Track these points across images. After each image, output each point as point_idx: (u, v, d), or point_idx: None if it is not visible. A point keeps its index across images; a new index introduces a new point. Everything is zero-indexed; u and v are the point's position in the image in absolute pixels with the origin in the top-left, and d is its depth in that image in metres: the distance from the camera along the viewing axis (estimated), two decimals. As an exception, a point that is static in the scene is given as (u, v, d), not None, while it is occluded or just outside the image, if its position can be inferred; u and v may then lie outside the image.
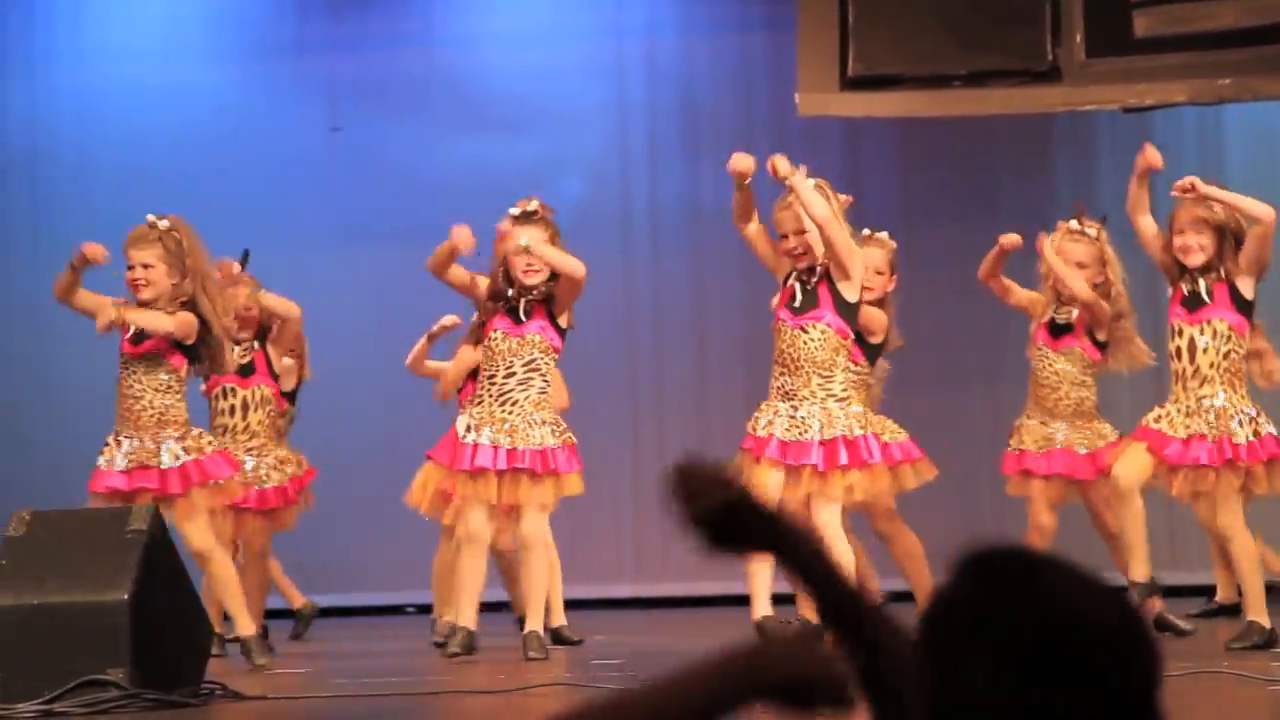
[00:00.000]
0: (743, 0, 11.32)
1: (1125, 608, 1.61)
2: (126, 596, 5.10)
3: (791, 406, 6.39)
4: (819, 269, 6.50)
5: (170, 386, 6.75)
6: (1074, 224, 7.27)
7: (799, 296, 6.46)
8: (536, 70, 11.29)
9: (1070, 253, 7.13)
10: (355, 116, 11.38)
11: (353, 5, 11.43)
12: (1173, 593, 9.13)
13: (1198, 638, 7.11)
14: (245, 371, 7.64)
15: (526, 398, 6.63)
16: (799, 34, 9.48)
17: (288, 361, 7.79)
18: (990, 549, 1.63)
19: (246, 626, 6.69)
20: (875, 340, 7.06)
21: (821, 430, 6.33)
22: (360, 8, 11.44)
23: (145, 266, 6.77)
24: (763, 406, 6.47)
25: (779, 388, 6.43)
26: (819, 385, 6.38)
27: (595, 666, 6.51)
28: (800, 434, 6.34)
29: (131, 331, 6.78)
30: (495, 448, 6.55)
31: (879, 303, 7.12)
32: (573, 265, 6.72)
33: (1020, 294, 7.42)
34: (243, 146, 11.23)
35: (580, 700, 1.64)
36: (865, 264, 6.84)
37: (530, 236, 6.76)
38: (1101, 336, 7.22)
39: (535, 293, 6.75)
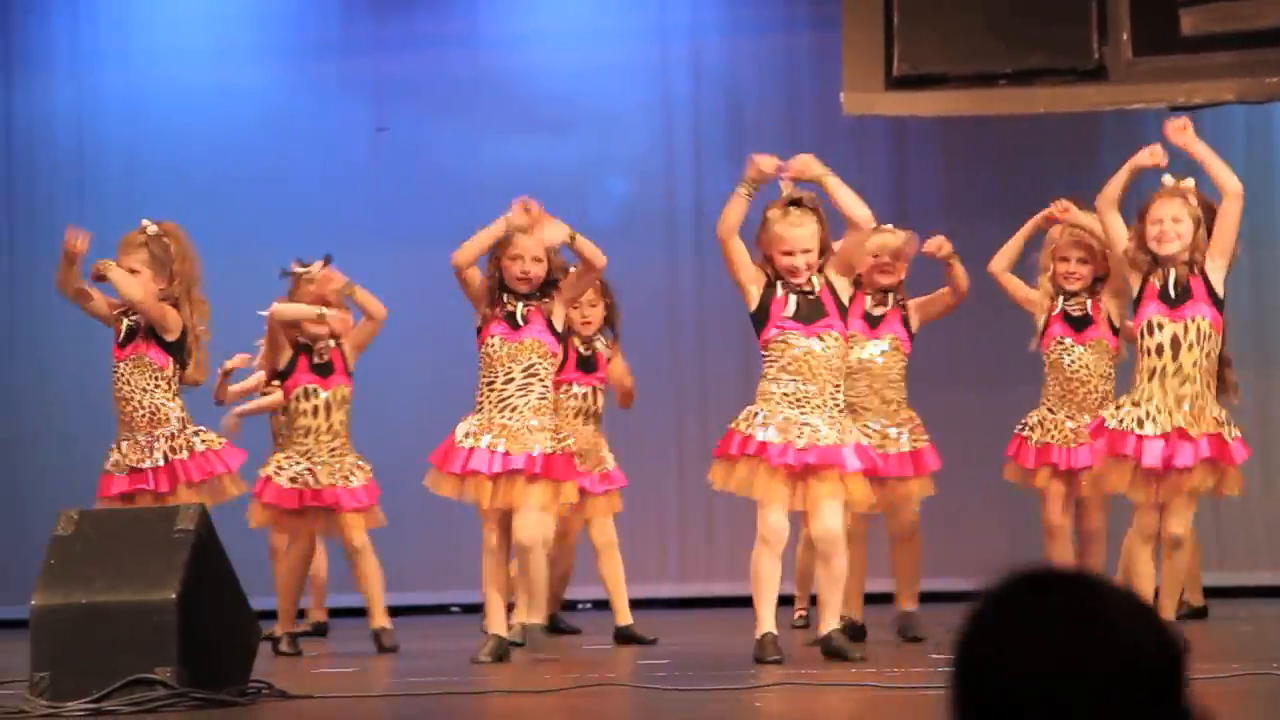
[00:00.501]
0: (788, 0, 11.30)
1: (1156, 631, 1.61)
2: (174, 596, 5.11)
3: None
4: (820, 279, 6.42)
5: (158, 385, 6.83)
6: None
7: (802, 306, 6.38)
8: (581, 70, 11.30)
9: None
10: (400, 117, 11.40)
11: (397, 5, 11.45)
12: (1219, 594, 9.09)
13: (1249, 639, 7.07)
14: (324, 371, 7.62)
15: (526, 403, 6.62)
16: (844, 33, 9.46)
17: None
18: (1017, 576, 1.64)
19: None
20: None
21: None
22: (405, 7, 11.46)
23: (131, 271, 6.86)
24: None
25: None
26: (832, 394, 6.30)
27: (642, 667, 6.50)
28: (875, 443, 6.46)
29: (122, 334, 6.85)
30: (492, 452, 6.56)
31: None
32: (598, 254, 6.74)
33: (1023, 290, 7.37)
34: (288, 147, 11.27)
35: None
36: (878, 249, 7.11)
37: (534, 246, 6.74)
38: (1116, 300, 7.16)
39: (532, 298, 6.75)
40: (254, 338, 8.39)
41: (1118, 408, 6.33)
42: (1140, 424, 6.21)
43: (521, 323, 6.71)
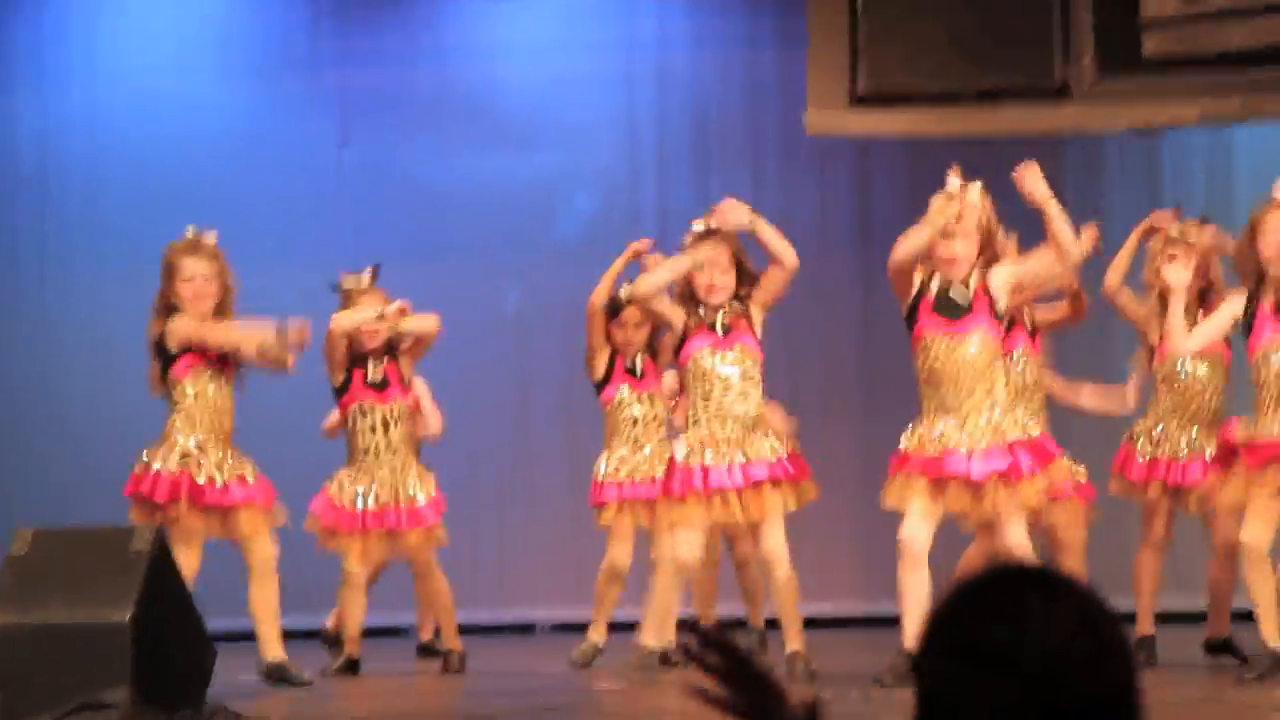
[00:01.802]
0: (753, 15, 11.31)
1: (1100, 627, 1.58)
2: (129, 617, 5.09)
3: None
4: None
5: (233, 405, 6.84)
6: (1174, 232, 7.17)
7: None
8: (547, 83, 11.30)
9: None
10: (366, 131, 11.38)
11: (364, 20, 11.43)
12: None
13: (1204, 663, 7.08)
14: (380, 386, 7.57)
15: (746, 411, 6.57)
16: (809, 50, 9.47)
17: None
18: (985, 571, 1.63)
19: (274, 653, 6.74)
20: None
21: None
22: (372, 22, 11.44)
23: (206, 279, 6.77)
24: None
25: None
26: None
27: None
28: None
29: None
30: (730, 466, 6.48)
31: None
32: (789, 250, 6.64)
33: (1136, 307, 7.26)
34: (253, 162, 11.24)
35: None
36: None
37: (722, 257, 6.66)
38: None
39: (728, 307, 6.67)
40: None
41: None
42: None
43: (724, 332, 6.65)
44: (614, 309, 7.75)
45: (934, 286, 6.21)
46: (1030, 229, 6.94)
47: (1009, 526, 6.05)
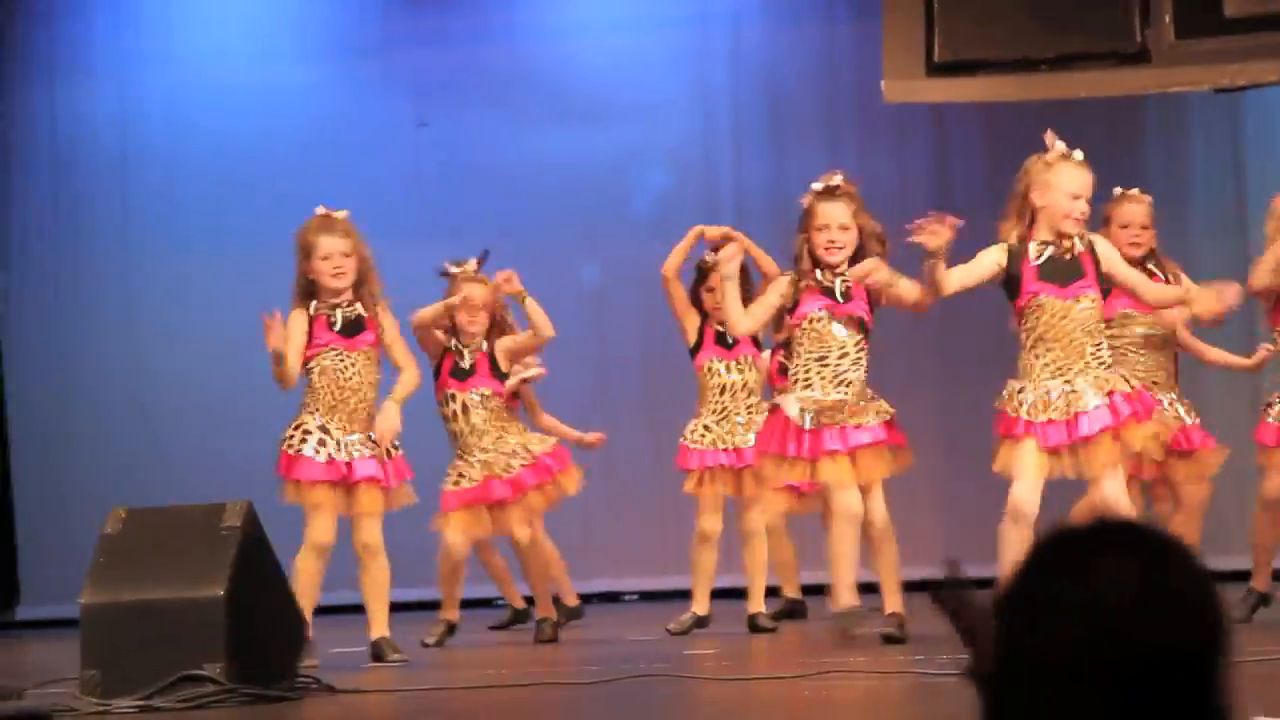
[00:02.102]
0: (825, -12, 11.29)
1: (1197, 585, 1.56)
2: (222, 592, 5.13)
3: None
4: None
5: (377, 382, 6.85)
6: None
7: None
8: (620, 61, 11.30)
9: None
10: (441, 112, 11.42)
11: (435, 1, 11.47)
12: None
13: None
14: (463, 375, 7.61)
15: (858, 376, 6.57)
16: (884, 21, 9.43)
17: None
18: (1075, 526, 1.62)
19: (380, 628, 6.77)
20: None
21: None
22: (442, 4, 11.48)
23: (344, 255, 6.76)
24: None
25: None
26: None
27: (690, 657, 6.51)
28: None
29: (340, 324, 6.77)
30: (843, 428, 6.48)
31: (1149, 257, 7.08)
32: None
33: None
34: (330, 145, 11.30)
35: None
36: (1129, 220, 6.98)
37: (839, 212, 6.59)
38: None
39: (845, 270, 6.59)
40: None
41: None
42: None
43: (843, 299, 6.60)
44: (702, 274, 7.72)
45: (1032, 251, 6.13)
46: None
47: (1106, 480, 6.01)
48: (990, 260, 6.20)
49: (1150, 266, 7.11)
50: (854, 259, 6.55)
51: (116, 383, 11.45)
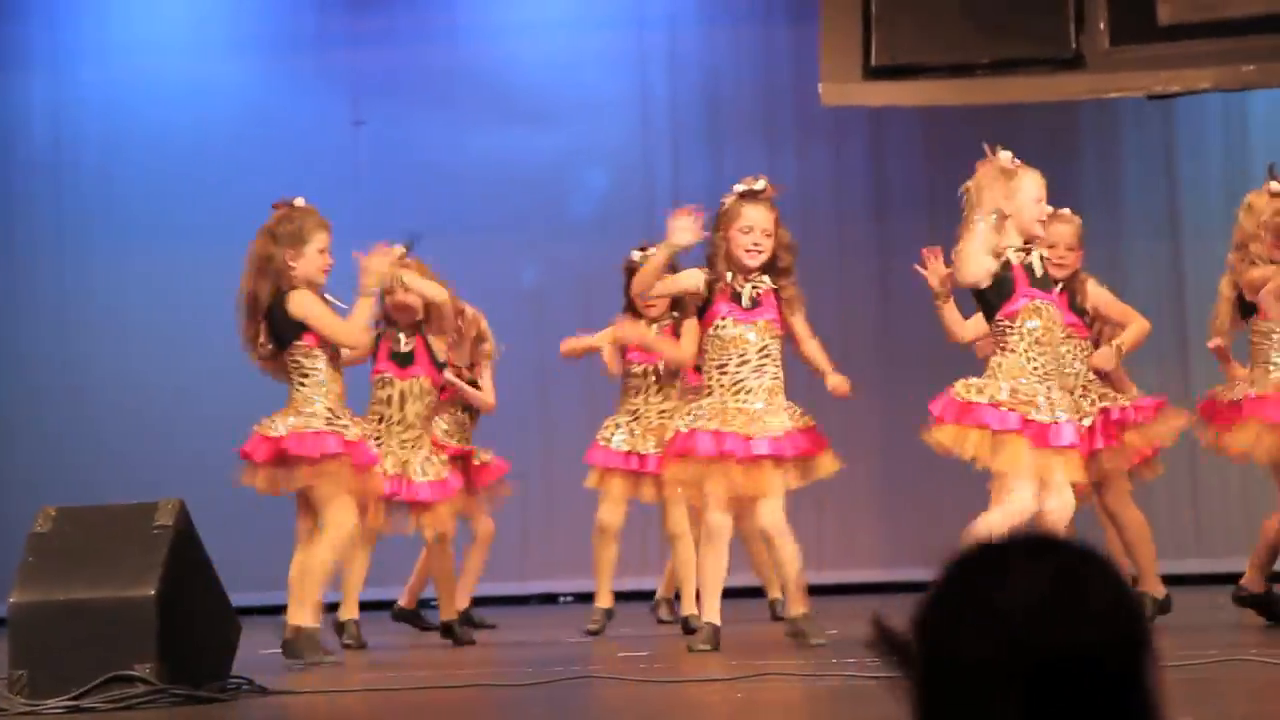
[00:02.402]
0: (765, -10, 11.32)
1: (1114, 595, 1.60)
2: (154, 592, 5.10)
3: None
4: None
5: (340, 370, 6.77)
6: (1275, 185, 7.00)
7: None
8: (559, 61, 11.30)
9: None
10: (379, 110, 11.40)
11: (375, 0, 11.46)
12: (1200, 581, 9.11)
13: (1224, 625, 7.09)
14: (404, 361, 7.54)
15: (760, 385, 6.53)
16: (822, 23, 9.46)
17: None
18: (993, 538, 1.65)
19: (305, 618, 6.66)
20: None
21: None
22: (382, 1, 11.45)
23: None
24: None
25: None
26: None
27: (622, 659, 6.52)
28: None
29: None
30: (739, 437, 6.42)
31: (1071, 278, 7.10)
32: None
33: (1255, 274, 7.06)
34: (266, 141, 11.26)
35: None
36: (1056, 240, 6.87)
37: (764, 218, 6.55)
38: None
39: (757, 277, 6.57)
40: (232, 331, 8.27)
41: None
42: None
43: (751, 304, 6.54)
44: (631, 274, 7.76)
45: (1015, 258, 6.14)
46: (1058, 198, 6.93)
47: (1058, 491, 6.05)
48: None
49: (1071, 288, 7.18)
50: (768, 268, 6.55)
51: (52, 377, 11.38)
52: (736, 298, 6.52)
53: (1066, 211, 7.30)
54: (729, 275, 6.52)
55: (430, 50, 11.40)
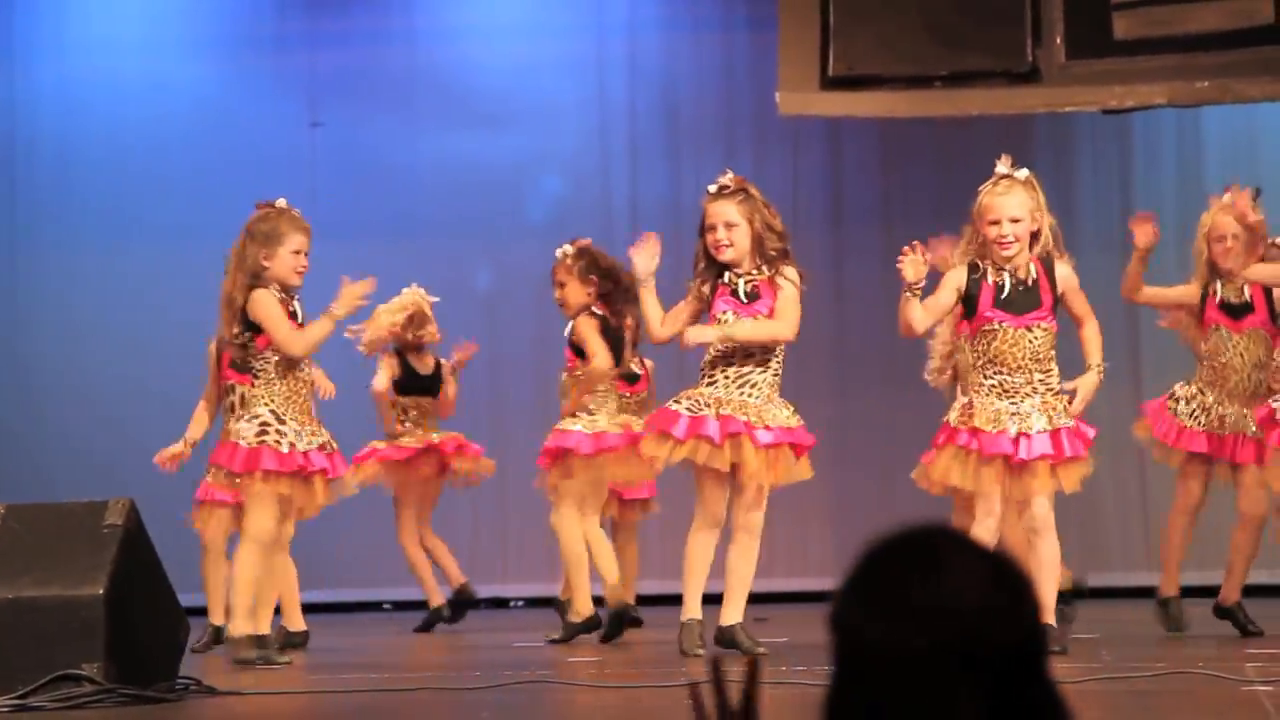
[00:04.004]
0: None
1: (1007, 589, 1.63)
2: (102, 591, 5.08)
3: None
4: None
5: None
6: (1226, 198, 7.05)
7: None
8: (518, 66, 11.30)
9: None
10: (336, 112, 11.38)
11: (333, 1, 11.43)
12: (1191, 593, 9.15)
13: (1171, 638, 7.13)
14: None
15: (764, 379, 6.51)
16: (780, 33, 9.49)
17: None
18: (892, 533, 1.68)
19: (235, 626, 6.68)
20: None
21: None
22: (340, 3, 11.44)
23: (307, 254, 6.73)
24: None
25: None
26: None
27: (574, 664, 6.52)
28: None
29: (303, 318, 6.71)
30: (750, 426, 6.39)
31: None
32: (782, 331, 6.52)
33: (1172, 295, 7.26)
34: (223, 140, 11.23)
35: None
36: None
37: (726, 211, 6.52)
38: None
39: (747, 269, 6.51)
40: (199, 329, 8.22)
41: None
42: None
43: (747, 299, 6.49)
44: None
45: (991, 276, 6.19)
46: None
47: (1036, 504, 6.13)
48: (950, 285, 6.28)
49: None
50: (758, 254, 6.53)
51: (3, 373, 11.33)
52: (735, 292, 6.51)
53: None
54: (726, 275, 6.51)
55: (388, 53, 11.39)
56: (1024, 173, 6.32)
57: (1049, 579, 6.11)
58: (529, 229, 11.08)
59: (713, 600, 6.59)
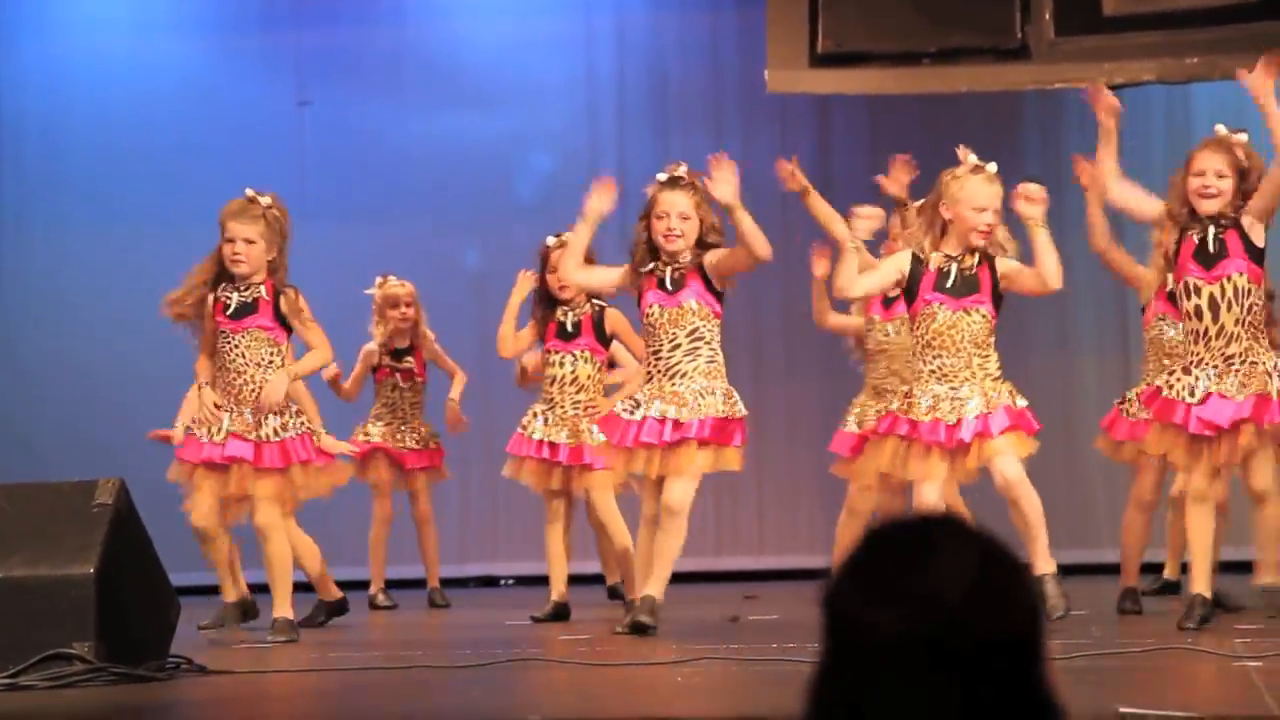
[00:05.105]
0: (712, -25, 11.33)
1: (1004, 579, 1.64)
2: (93, 570, 5.08)
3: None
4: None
5: (274, 363, 6.76)
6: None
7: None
8: (506, 43, 11.28)
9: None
10: (324, 90, 11.35)
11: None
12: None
13: (1158, 616, 7.15)
14: None
15: (695, 368, 6.55)
16: (768, 10, 9.49)
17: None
18: (892, 520, 1.68)
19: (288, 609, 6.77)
20: None
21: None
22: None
23: (247, 241, 6.72)
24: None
25: None
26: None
27: (566, 641, 6.53)
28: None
29: (233, 307, 6.71)
30: (663, 421, 6.45)
31: None
32: (763, 243, 6.52)
33: (1137, 270, 7.18)
34: (210, 119, 11.21)
35: None
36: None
37: (680, 202, 6.57)
38: None
39: (681, 260, 6.59)
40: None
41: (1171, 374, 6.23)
42: (1192, 392, 6.07)
43: (674, 288, 6.57)
44: (545, 261, 7.78)
45: (934, 261, 6.29)
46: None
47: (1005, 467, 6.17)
48: (893, 267, 6.41)
49: None
50: (700, 249, 6.61)
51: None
52: (661, 283, 6.57)
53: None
54: (653, 264, 6.58)
55: (376, 31, 11.36)
56: (993, 166, 6.41)
57: (1038, 534, 6.17)
58: (518, 207, 11.07)
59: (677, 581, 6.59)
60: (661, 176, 6.67)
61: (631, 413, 6.53)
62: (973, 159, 6.42)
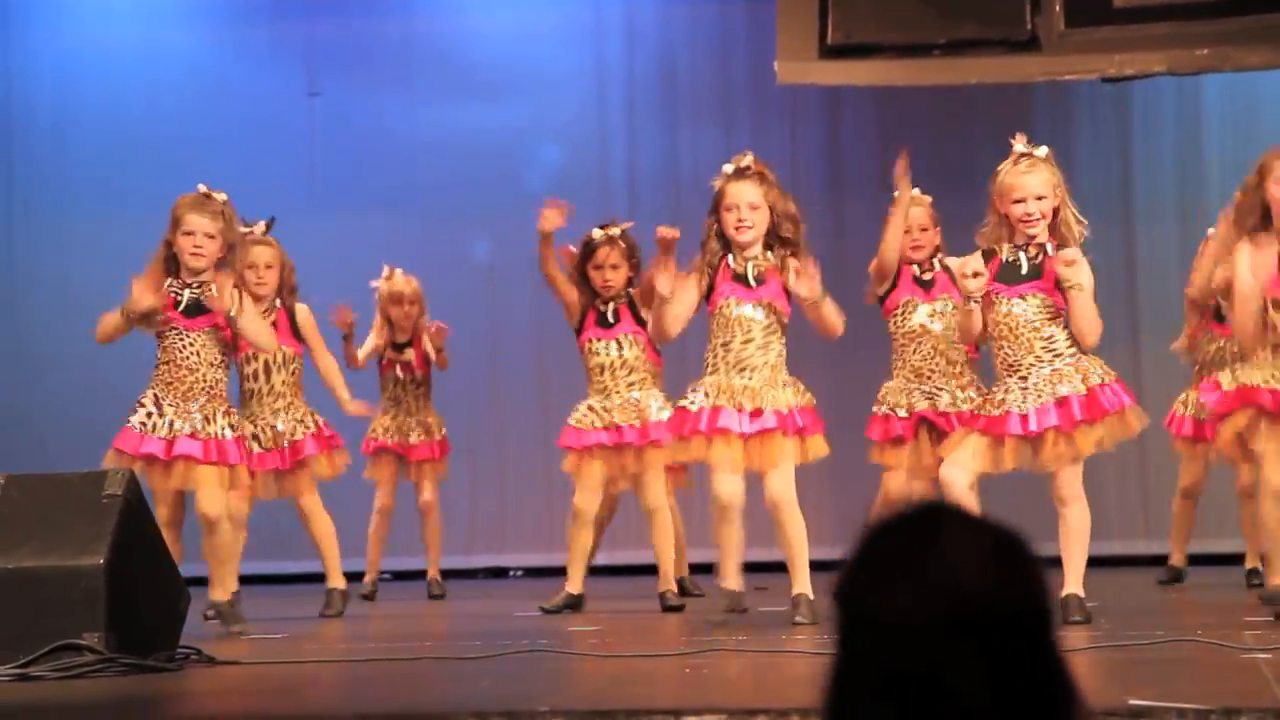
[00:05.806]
0: (722, -33, 11.32)
1: (1016, 571, 1.64)
2: (103, 561, 5.09)
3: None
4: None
5: (223, 362, 6.77)
6: None
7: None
8: (516, 35, 11.28)
9: None
10: (334, 81, 11.36)
11: (331, -31, 11.42)
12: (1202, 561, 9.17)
13: (1170, 607, 7.14)
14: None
15: (766, 362, 6.54)
16: (778, 1, 9.47)
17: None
18: (900, 509, 1.69)
19: (223, 593, 6.77)
20: None
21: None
22: (339, -29, 11.42)
23: (208, 236, 6.71)
24: None
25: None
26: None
27: (575, 633, 6.53)
28: None
29: (184, 303, 6.71)
30: (740, 411, 6.44)
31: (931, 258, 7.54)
32: (840, 328, 6.58)
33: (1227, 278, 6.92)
34: (220, 109, 11.21)
35: None
36: (910, 224, 7.39)
37: (748, 192, 6.55)
38: None
39: (763, 257, 6.56)
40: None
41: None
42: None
43: (756, 284, 6.59)
44: (589, 250, 7.75)
45: (1005, 253, 6.25)
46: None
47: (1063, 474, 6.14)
48: (976, 284, 6.27)
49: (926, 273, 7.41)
50: (770, 240, 6.57)
51: (1, 343, 11.32)
52: (740, 277, 6.54)
53: (915, 192, 7.48)
54: (730, 258, 6.55)
55: (387, 22, 11.36)
56: (1044, 150, 6.34)
57: (1078, 549, 6.13)
58: (527, 198, 11.06)
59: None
60: (728, 168, 6.61)
61: (697, 404, 6.49)
62: (1019, 148, 6.37)
